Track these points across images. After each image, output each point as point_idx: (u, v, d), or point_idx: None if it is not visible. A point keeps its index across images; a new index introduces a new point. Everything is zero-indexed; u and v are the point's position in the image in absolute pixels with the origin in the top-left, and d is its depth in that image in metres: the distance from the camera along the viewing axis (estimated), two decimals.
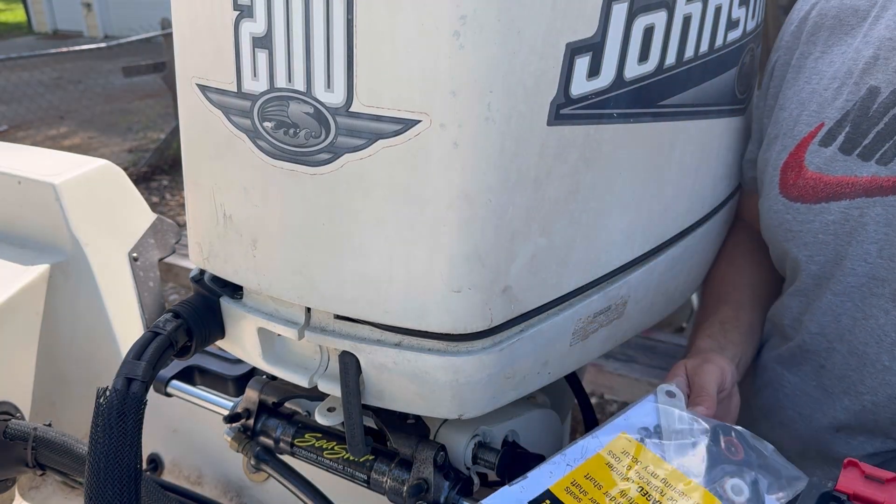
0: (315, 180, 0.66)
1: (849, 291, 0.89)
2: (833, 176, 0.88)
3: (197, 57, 0.70)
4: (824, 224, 0.88)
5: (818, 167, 0.90)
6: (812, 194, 0.90)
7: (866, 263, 0.86)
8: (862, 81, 0.88)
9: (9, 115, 8.06)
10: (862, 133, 0.86)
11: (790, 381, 0.98)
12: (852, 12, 0.94)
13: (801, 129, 0.93)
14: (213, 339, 0.82)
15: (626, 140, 0.74)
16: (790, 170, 0.92)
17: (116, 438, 0.69)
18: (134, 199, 1.28)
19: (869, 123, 0.86)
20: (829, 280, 0.90)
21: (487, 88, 0.61)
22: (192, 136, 0.74)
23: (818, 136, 0.90)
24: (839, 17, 0.95)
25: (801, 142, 0.92)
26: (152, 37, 8.24)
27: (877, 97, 0.86)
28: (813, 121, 0.92)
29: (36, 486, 1.19)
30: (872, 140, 0.85)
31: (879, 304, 0.86)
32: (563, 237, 0.72)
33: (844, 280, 0.88)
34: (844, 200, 0.87)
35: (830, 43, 0.94)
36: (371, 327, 0.71)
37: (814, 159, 0.90)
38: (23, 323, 1.14)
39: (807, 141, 0.92)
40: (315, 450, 0.87)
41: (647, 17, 0.71)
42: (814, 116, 0.92)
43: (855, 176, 0.86)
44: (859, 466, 0.64)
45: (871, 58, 0.88)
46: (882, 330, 0.86)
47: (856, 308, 0.88)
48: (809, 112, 0.92)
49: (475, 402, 0.73)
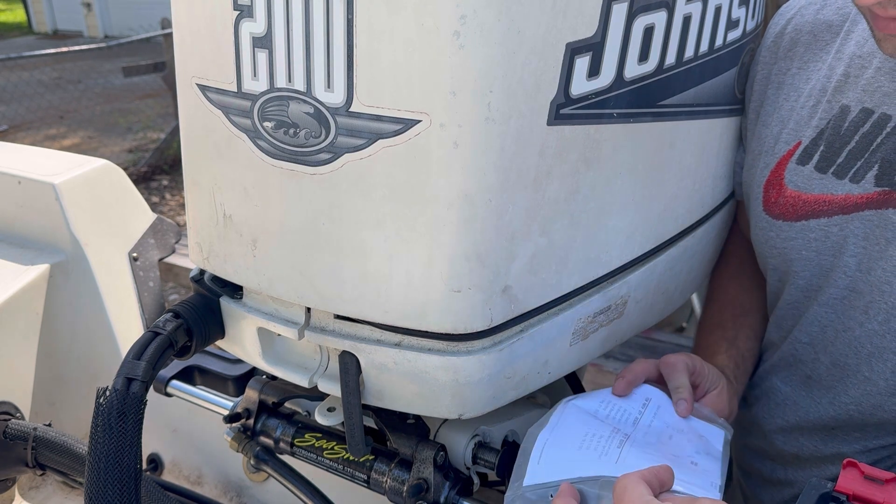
0: (315, 180, 0.66)
1: (832, 303, 0.91)
2: (811, 194, 0.90)
3: (197, 57, 0.70)
4: (806, 241, 0.91)
5: (797, 185, 0.92)
6: (792, 212, 0.92)
7: (846, 276, 0.88)
8: (834, 100, 0.90)
9: (9, 115, 8.06)
10: (835, 152, 0.89)
11: (782, 391, 1.00)
12: (826, 27, 0.95)
13: (781, 147, 0.95)
14: (213, 339, 0.82)
15: (626, 140, 0.74)
16: (771, 188, 0.95)
17: (116, 438, 0.69)
18: (134, 199, 1.28)
19: (841, 142, 0.88)
20: (816, 292, 0.92)
21: (487, 88, 0.61)
22: (192, 136, 0.74)
23: (795, 154, 0.93)
24: (814, 32, 0.96)
25: (780, 160, 0.94)
26: (152, 37, 8.24)
27: (847, 115, 0.88)
28: (791, 139, 0.94)
29: (36, 486, 1.19)
30: (845, 159, 0.87)
31: (855, 317, 0.88)
32: (563, 237, 0.72)
33: (829, 291, 0.91)
34: (823, 218, 0.89)
35: (806, 59, 0.96)
36: (371, 327, 0.71)
37: (793, 178, 0.92)
38: (23, 323, 1.14)
39: (785, 159, 0.94)
40: (315, 450, 0.87)
41: (647, 16, 0.71)
42: (792, 135, 0.94)
43: (831, 194, 0.88)
44: (858, 467, 0.64)
45: (843, 75, 0.90)
46: (858, 342, 0.88)
47: (837, 320, 0.91)
48: (788, 130, 0.95)
49: (475, 402, 0.73)
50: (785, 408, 0.99)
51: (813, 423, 0.95)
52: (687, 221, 0.92)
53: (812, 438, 0.97)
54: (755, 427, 1.04)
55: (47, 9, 16.34)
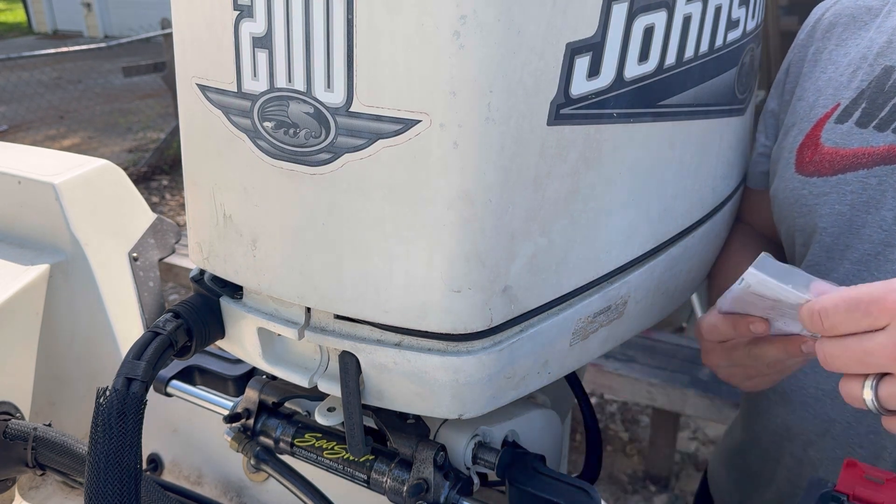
0: (315, 180, 0.66)
1: (865, 260, 0.89)
2: (849, 148, 0.89)
3: (197, 57, 0.70)
4: (841, 195, 0.89)
5: (834, 142, 0.91)
6: (829, 167, 0.90)
7: (881, 231, 0.87)
8: (876, 63, 0.91)
9: (9, 115, 8.07)
10: (878, 107, 0.88)
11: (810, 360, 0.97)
12: (866, 10, 0.98)
13: (818, 111, 0.94)
14: (213, 339, 0.82)
15: (626, 140, 0.74)
16: (806, 149, 0.94)
17: (116, 438, 0.69)
18: (134, 199, 1.28)
19: (885, 98, 0.88)
20: (844, 251, 0.91)
21: (487, 88, 0.61)
22: (192, 136, 0.74)
23: (834, 114, 0.92)
24: (853, 15, 0.98)
25: (816, 122, 0.94)
26: (152, 37, 8.24)
27: (891, 74, 0.89)
28: (829, 103, 0.94)
29: (36, 486, 1.19)
30: (889, 112, 0.87)
31: (891, 270, 0.86)
32: (563, 237, 0.72)
33: (861, 248, 0.89)
34: (862, 170, 0.88)
35: (845, 37, 0.97)
36: (371, 327, 0.71)
37: (830, 136, 0.91)
38: (23, 323, 1.14)
39: (822, 121, 0.93)
40: (315, 450, 0.87)
41: (647, 16, 0.71)
42: (830, 99, 0.94)
43: (871, 146, 0.87)
44: (859, 466, 0.64)
45: (885, 43, 0.91)
46: None
47: (871, 276, 0.89)
48: (825, 96, 0.95)
49: (475, 402, 0.73)
50: (815, 376, 0.97)
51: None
52: (687, 221, 0.92)
53: (842, 415, 0.95)
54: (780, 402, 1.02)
55: (47, 9, 16.35)
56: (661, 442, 3.02)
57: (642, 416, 3.47)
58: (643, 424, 3.42)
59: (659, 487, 3.06)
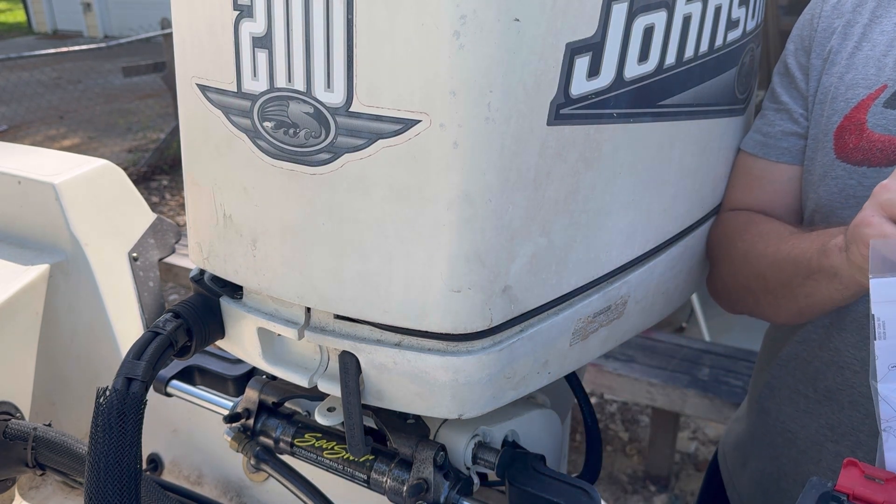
0: (315, 180, 0.66)
1: None
2: None
3: (197, 57, 0.70)
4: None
5: (886, 129, 0.87)
6: (882, 157, 0.87)
7: None
8: None
9: (9, 115, 8.06)
10: None
11: (857, 358, 0.93)
12: None
13: (858, 92, 0.90)
14: (213, 339, 0.82)
15: (626, 140, 0.74)
16: (847, 133, 0.90)
17: (116, 438, 0.69)
18: (134, 199, 1.28)
19: None
20: None
21: (487, 88, 0.61)
22: (192, 136, 0.74)
23: (881, 97, 0.88)
24: None
25: (858, 104, 0.90)
26: (152, 37, 8.24)
27: None
28: (871, 84, 0.90)
29: (36, 486, 1.19)
30: None
31: None
32: (562, 237, 0.72)
33: None
34: None
35: (879, 13, 0.93)
36: (371, 327, 0.71)
37: (879, 121, 0.88)
38: (23, 323, 1.14)
39: (866, 103, 0.89)
40: (315, 450, 0.87)
41: (647, 17, 0.71)
42: (872, 80, 0.90)
43: None
44: (859, 466, 0.64)
45: None
46: None
47: None
48: (866, 76, 0.90)
49: (475, 402, 0.73)
50: (865, 374, 0.91)
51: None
52: (687, 221, 0.92)
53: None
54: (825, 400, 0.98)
55: (47, 9, 16.34)
56: (660, 442, 3.02)
57: (642, 416, 3.47)
58: (643, 424, 3.42)
59: (659, 487, 3.06)
